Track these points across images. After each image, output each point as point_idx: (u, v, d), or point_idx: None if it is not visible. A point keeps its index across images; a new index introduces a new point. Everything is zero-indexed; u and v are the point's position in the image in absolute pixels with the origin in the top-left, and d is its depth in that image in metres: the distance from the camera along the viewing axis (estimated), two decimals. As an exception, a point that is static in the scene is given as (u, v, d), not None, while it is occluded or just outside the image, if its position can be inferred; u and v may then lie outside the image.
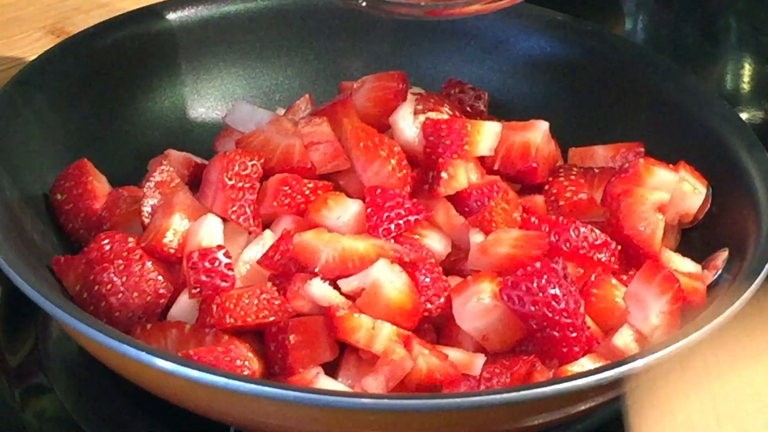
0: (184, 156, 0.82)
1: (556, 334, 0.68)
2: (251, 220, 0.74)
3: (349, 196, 0.76)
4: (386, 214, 0.72)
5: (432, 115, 0.78)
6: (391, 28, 0.92)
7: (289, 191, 0.75)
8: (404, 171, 0.75)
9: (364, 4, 0.72)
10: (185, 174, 0.81)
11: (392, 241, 0.72)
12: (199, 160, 0.83)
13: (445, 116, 0.79)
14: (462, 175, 0.76)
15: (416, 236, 0.74)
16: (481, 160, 0.78)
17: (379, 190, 0.73)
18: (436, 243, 0.74)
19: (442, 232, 0.75)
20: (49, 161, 0.80)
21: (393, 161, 0.75)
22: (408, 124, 0.77)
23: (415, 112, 0.78)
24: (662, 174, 0.77)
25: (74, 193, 0.78)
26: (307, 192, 0.76)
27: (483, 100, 0.85)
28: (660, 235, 0.75)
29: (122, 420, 0.74)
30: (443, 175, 0.75)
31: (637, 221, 0.75)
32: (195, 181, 0.79)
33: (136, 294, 0.71)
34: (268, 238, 0.74)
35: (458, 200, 0.76)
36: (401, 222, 0.73)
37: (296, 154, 0.77)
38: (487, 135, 0.77)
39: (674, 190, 0.77)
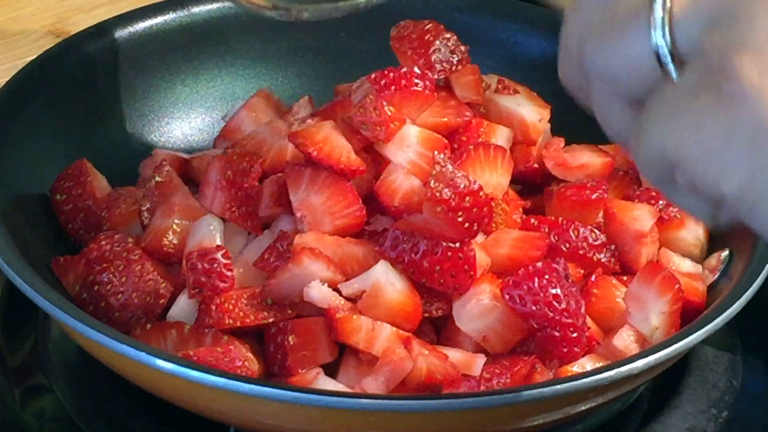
0: (170, 154, 0.82)
1: (556, 334, 0.68)
2: (250, 221, 0.74)
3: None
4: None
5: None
6: (390, 29, 0.92)
7: (286, 192, 0.75)
8: None
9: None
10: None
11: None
12: (186, 156, 0.83)
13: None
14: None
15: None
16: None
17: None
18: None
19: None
20: (49, 161, 0.80)
21: None
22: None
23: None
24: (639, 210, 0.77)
25: (74, 193, 0.78)
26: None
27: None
28: (648, 252, 0.76)
29: (122, 420, 0.74)
30: None
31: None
32: (184, 178, 0.79)
33: (135, 294, 0.71)
34: (267, 238, 0.74)
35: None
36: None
37: (288, 155, 0.77)
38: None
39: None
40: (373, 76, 0.74)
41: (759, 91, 0.38)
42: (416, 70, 0.74)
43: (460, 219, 0.67)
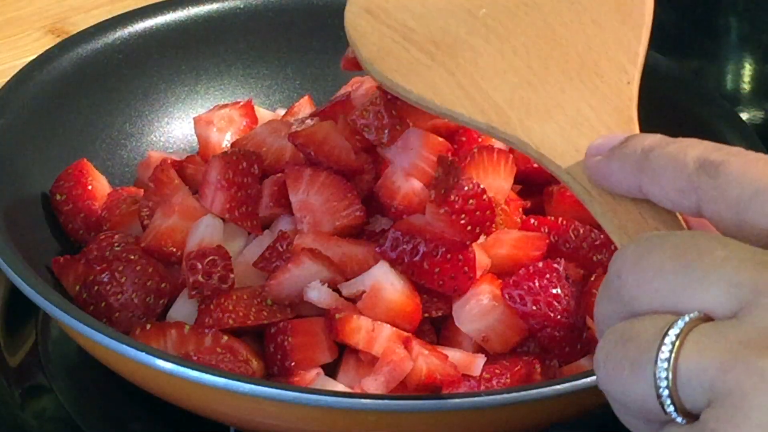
0: (164, 156, 0.83)
1: (557, 333, 0.68)
2: (250, 221, 0.74)
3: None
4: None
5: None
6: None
7: (286, 192, 0.75)
8: None
9: None
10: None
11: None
12: (176, 157, 0.83)
13: None
14: None
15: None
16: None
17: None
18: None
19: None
20: (49, 161, 0.80)
21: None
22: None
23: None
24: None
25: (74, 194, 0.78)
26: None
27: None
28: None
29: (122, 420, 0.75)
30: None
31: None
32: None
33: (135, 294, 0.71)
34: (267, 238, 0.74)
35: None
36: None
37: (288, 155, 0.77)
38: None
39: None
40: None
41: None
42: None
43: (463, 222, 0.67)
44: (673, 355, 0.41)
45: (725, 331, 0.41)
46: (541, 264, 0.69)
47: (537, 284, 0.68)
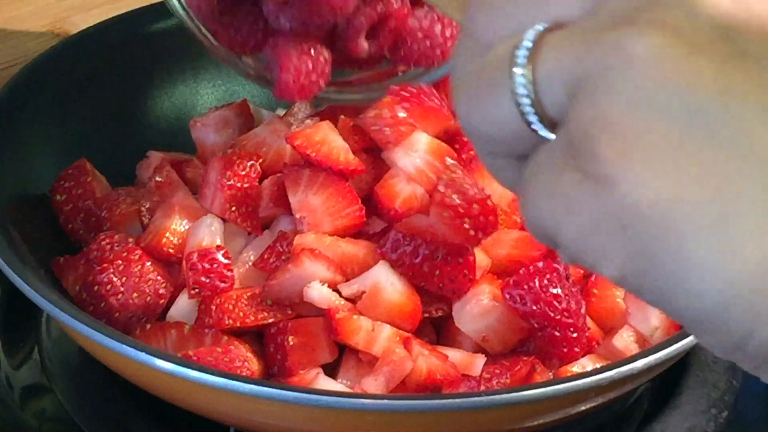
0: (163, 156, 0.83)
1: (557, 333, 0.68)
2: (250, 221, 0.74)
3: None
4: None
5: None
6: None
7: (285, 192, 0.75)
8: None
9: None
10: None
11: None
12: (176, 157, 0.83)
13: None
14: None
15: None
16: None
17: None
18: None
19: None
20: (49, 161, 0.80)
21: None
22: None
23: None
24: None
25: (74, 194, 0.79)
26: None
27: None
28: None
29: (122, 420, 0.75)
30: None
31: None
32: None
33: (135, 294, 0.71)
34: (267, 238, 0.74)
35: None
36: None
37: (287, 156, 0.77)
38: None
39: None
40: (395, 88, 0.74)
41: (618, 175, 0.35)
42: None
43: (466, 226, 0.67)
44: (528, 62, 0.37)
45: (580, 27, 0.37)
46: (541, 264, 0.69)
47: (537, 284, 0.68)
